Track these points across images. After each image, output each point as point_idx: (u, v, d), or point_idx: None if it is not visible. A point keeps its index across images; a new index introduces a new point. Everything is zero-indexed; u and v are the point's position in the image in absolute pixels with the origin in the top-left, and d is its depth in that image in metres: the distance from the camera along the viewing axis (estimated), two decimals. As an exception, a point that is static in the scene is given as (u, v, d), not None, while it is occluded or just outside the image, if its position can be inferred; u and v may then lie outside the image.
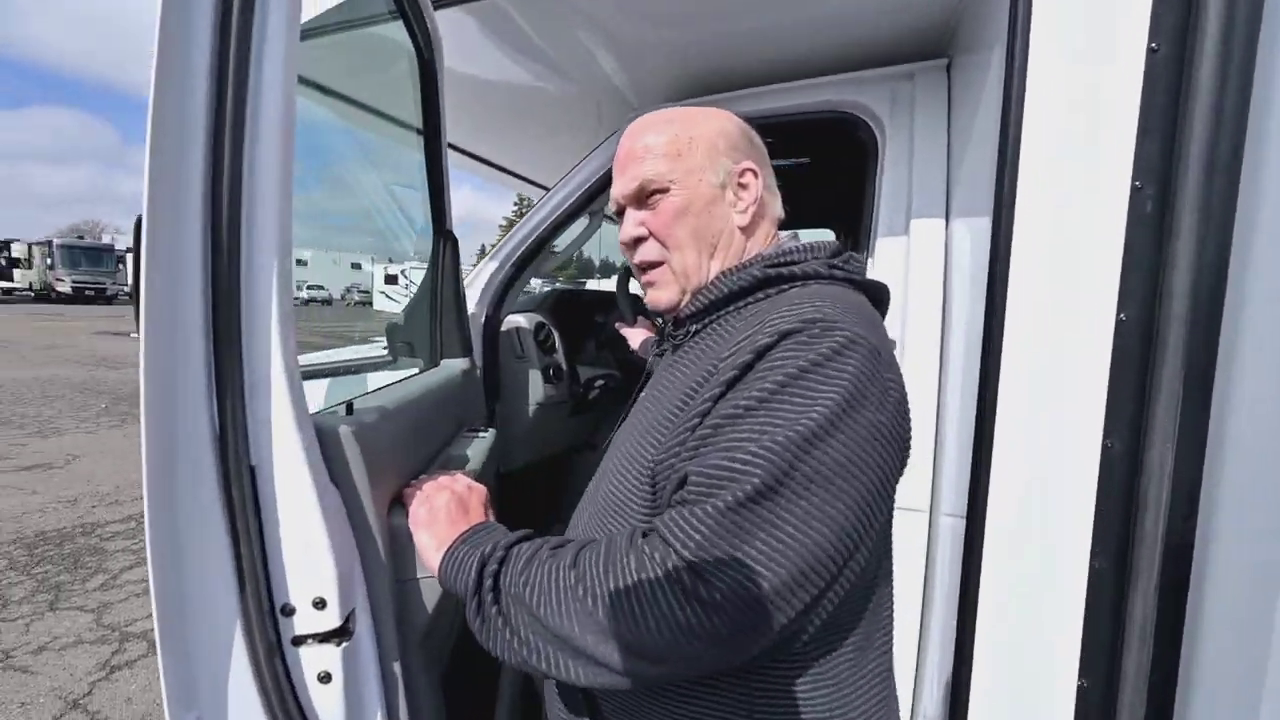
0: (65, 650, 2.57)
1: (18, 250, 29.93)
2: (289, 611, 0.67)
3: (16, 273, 29.67)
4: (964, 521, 0.93)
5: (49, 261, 27.53)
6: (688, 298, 0.79)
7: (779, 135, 1.90)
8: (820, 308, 0.64)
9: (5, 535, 3.60)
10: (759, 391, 0.60)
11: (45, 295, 27.83)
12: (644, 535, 0.62)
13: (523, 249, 1.78)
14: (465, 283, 1.79)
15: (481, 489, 0.83)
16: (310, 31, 1.40)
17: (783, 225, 0.86)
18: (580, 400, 2.14)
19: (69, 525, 3.79)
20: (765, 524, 0.56)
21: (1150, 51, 0.75)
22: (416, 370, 1.43)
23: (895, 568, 0.77)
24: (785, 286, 0.73)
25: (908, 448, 0.65)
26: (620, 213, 0.83)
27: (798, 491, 0.56)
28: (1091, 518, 0.81)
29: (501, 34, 1.62)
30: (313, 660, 0.68)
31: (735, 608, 0.55)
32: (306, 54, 1.53)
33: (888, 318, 0.79)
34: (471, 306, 1.75)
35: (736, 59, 1.67)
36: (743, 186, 0.79)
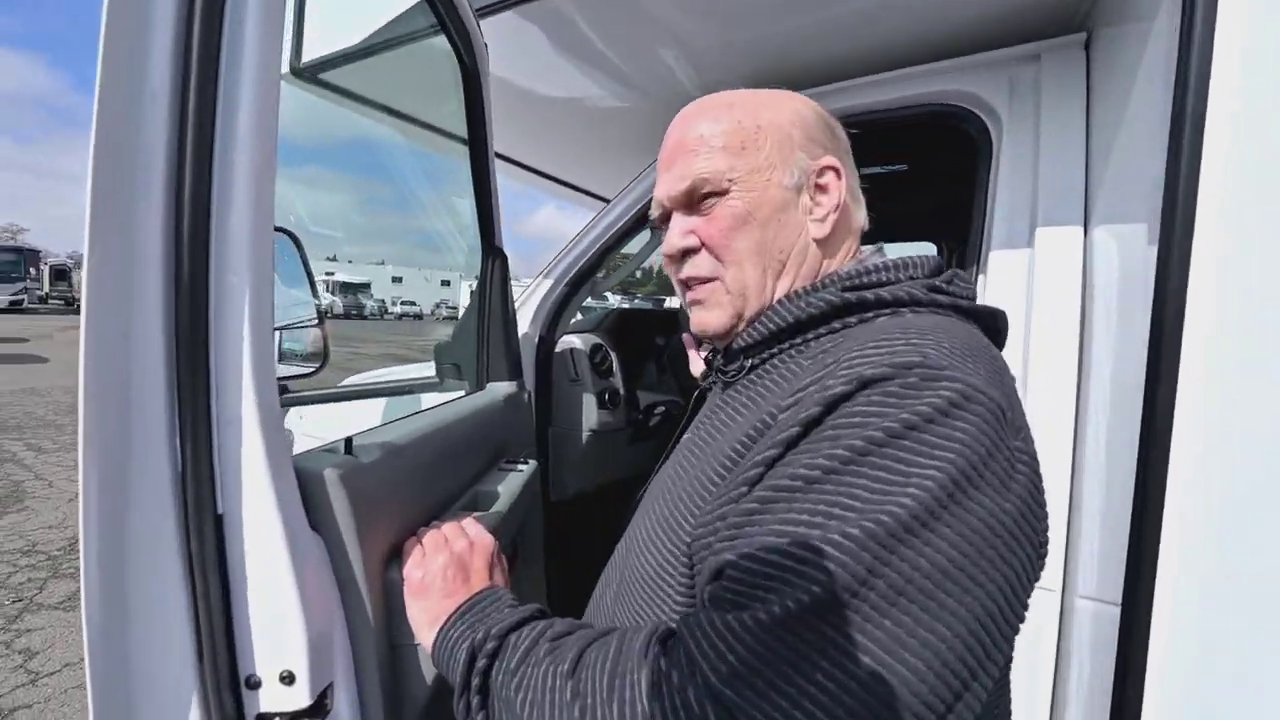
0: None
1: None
2: (254, 684, 0.58)
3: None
4: (1116, 610, 0.72)
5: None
6: (744, 324, 0.65)
7: (869, 137, 1.71)
8: (920, 346, 0.48)
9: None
10: (827, 459, 0.45)
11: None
12: (664, 641, 0.48)
13: (578, 266, 1.70)
14: (518, 302, 1.73)
15: (488, 545, 0.72)
16: (373, 49, 1.39)
17: (867, 239, 0.70)
18: (640, 427, 2.02)
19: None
20: (831, 650, 0.40)
21: None
22: (462, 394, 1.36)
23: (1025, 665, 0.58)
24: (869, 315, 0.58)
25: (1043, 544, 0.48)
26: (666, 219, 0.69)
27: (880, 606, 0.41)
28: None
29: (565, 42, 1.54)
30: (279, 743, 0.59)
31: None
32: (375, 73, 1.54)
33: (1004, 350, 0.61)
34: (525, 327, 1.68)
35: (818, 52, 1.48)
36: (821, 189, 0.64)
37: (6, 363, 11.11)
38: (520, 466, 1.20)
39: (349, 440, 0.71)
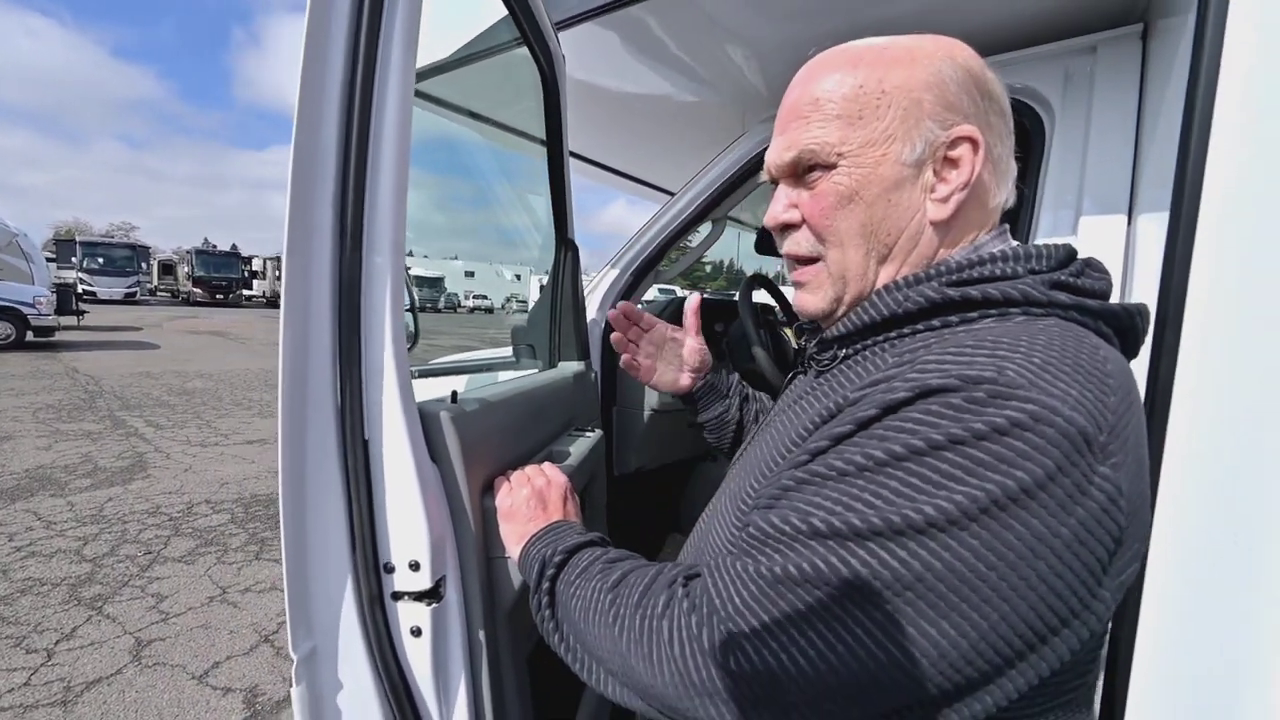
0: (264, 593, 3.06)
1: (256, 264, 36.66)
2: (390, 569, 0.75)
3: (255, 282, 36.24)
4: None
5: (278, 273, 33.27)
6: (842, 308, 0.62)
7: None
8: (1002, 360, 0.44)
9: (230, 495, 4.38)
10: (863, 457, 0.45)
11: (274, 302, 33.52)
12: (690, 576, 0.56)
13: (644, 256, 1.84)
14: (588, 290, 1.88)
15: (562, 483, 0.87)
16: (460, 61, 1.57)
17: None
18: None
19: (276, 491, 4.52)
20: (828, 619, 0.44)
21: None
22: (535, 371, 1.53)
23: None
24: (973, 315, 0.53)
25: (1104, 571, 0.43)
26: (776, 183, 0.65)
27: (881, 594, 0.42)
28: None
29: (640, 45, 1.63)
30: (408, 615, 0.76)
31: (750, 689, 0.46)
32: (458, 81, 1.72)
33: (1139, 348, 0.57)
34: (593, 312, 1.84)
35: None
36: (951, 162, 0.56)
37: (124, 348, 12.39)
38: (588, 434, 1.35)
39: (454, 393, 0.88)
